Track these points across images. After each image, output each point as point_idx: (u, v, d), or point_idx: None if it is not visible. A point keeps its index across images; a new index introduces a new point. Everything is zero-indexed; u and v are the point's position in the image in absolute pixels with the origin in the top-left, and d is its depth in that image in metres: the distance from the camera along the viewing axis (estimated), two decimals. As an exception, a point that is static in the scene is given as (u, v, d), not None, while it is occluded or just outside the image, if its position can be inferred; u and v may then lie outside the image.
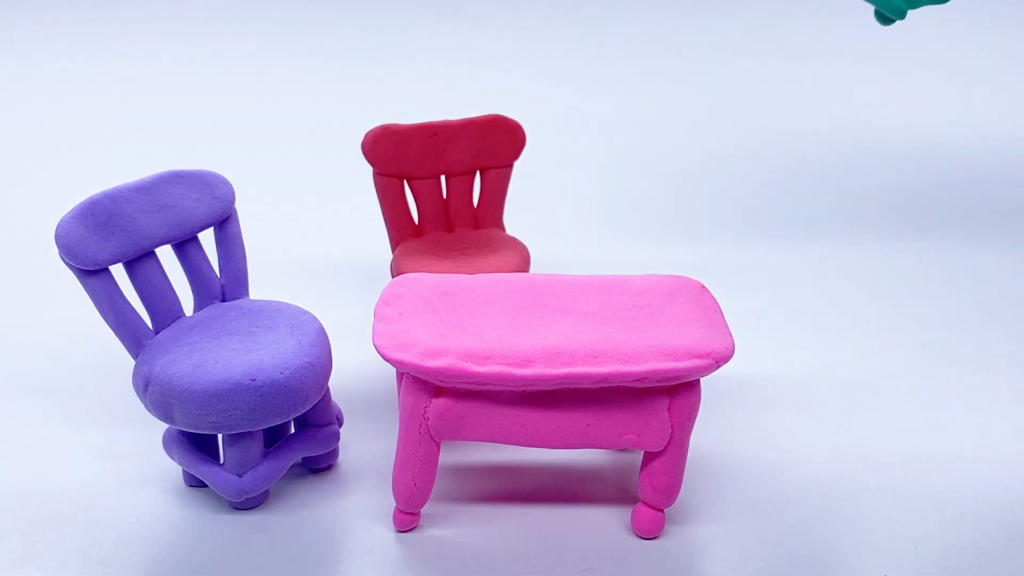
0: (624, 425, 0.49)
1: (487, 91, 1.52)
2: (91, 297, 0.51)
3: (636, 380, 0.47)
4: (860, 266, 0.88)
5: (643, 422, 0.49)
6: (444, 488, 0.56)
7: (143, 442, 0.59)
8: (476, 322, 0.50)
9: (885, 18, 0.45)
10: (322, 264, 0.91)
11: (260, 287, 0.66)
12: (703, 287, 0.55)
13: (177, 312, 0.55)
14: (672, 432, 0.49)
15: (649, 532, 0.51)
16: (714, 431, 0.63)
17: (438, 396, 0.48)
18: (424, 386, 0.48)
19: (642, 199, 0.73)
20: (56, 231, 0.49)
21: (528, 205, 0.86)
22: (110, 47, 1.61)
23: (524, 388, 0.47)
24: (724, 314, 0.52)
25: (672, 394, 0.48)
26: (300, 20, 1.73)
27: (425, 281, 0.54)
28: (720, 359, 0.47)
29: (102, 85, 1.51)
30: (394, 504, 0.52)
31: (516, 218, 0.81)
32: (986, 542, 0.52)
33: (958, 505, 0.55)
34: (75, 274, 0.51)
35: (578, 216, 1.05)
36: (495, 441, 0.50)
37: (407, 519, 0.52)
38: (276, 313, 0.55)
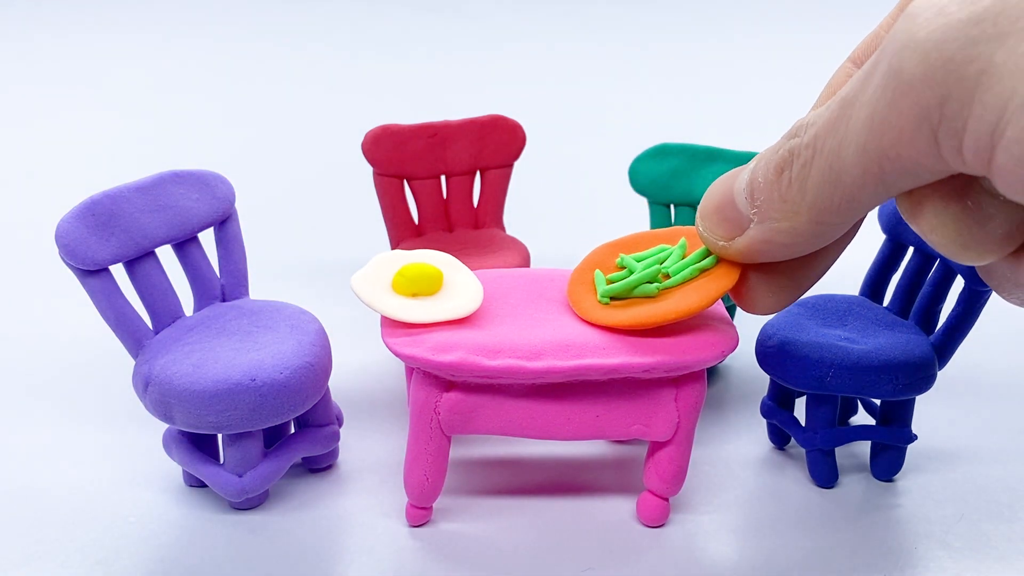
0: (632, 415, 0.49)
1: (487, 91, 1.52)
2: (91, 297, 0.51)
3: (644, 371, 0.47)
4: (860, 264, 0.88)
5: (650, 412, 0.49)
6: (452, 482, 0.56)
7: (143, 442, 0.59)
8: (485, 316, 0.50)
9: None
10: (322, 264, 0.91)
11: (260, 287, 0.66)
12: None
13: (177, 312, 0.55)
14: (679, 422, 0.49)
15: (654, 521, 0.52)
16: (719, 421, 0.63)
17: (449, 391, 0.48)
18: (435, 381, 0.48)
19: (643, 199, 0.73)
20: (56, 231, 0.49)
21: (528, 205, 0.86)
22: (111, 48, 1.61)
23: (535, 381, 0.47)
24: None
25: (678, 385, 0.49)
26: (300, 21, 1.73)
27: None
28: (725, 350, 0.48)
29: (103, 85, 1.51)
30: (396, 503, 0.52)
31: (516, 218, 0.81)
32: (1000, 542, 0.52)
33: (954, 503, 0.55)
34: (75, 274, 0.51)
35: (578, 216, 1.05)
36: (506, 434, 0.50)
37: (420, 514, 0.52)
38: (276, 313, 0.55)
